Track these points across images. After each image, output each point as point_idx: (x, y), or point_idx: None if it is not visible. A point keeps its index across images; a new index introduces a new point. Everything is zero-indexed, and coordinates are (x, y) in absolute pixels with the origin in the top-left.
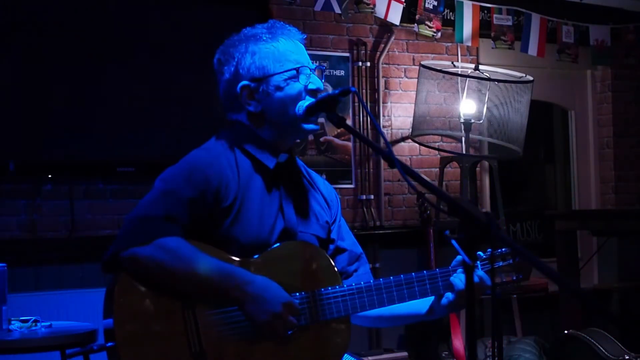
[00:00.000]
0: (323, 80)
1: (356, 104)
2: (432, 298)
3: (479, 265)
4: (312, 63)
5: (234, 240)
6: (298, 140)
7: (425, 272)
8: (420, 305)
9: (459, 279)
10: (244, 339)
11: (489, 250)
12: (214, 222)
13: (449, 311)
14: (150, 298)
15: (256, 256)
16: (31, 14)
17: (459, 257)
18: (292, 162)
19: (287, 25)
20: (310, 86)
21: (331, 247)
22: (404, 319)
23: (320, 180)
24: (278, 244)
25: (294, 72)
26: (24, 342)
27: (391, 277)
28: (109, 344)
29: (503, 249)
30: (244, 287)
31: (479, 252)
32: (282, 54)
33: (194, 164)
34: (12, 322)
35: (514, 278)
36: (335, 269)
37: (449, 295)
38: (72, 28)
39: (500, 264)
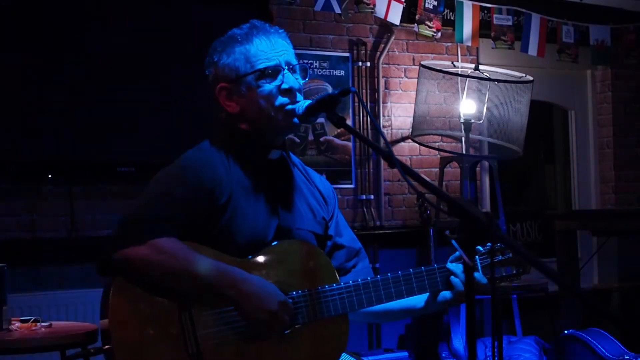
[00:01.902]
0: (307, 80)
1: (356, 104)
2: (427, 293)
3: (478, 260)
4: (295, 60)
5: (230, 239)
6: (298, 140)
7: (423, 268)
8: (416, 299)
9: (457, 279)
10: (241, 339)
11: (488, 244)
12: (209, 222)
13: (444, 307)
14: (146, 299)
15: (252, 256)
16: (31, 14)
17: (456, 253)
18: (285, 159)
19: (266, 25)
20: (283, 86)
21: (329, 243)
22: (400, 314)
23: (317, 177)
24: (275, 243)
25: (259, 72)
26: (24, 342)
27: (389, 274)
28: (106, 346)
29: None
30: (239, 286)
31: (478, 247)
32: (253, 55)
33: (187, 164)
34: (12, 322)
35: (514, 272)
36: (333, 266)
37: (446, 294)
38: (71, 28)
39: (500, 257)
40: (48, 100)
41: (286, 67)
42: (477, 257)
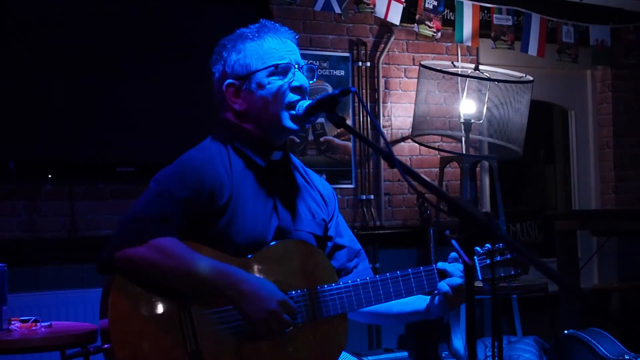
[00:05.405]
0: (314, 80)
1: (356, 104)
2: (429, 297)
3: (477, 261)
4: (303, 61)
5: (229, 239)
6: (298, 140)
7: (421, 268)
8: (418, 303)
9: (445, 283)
10: (241, 338)
11: (487, 245)
12: (209, 222)
13: (443, 312)
14: (146, 298)
15: (252, 255)
16: (32, 16)
17: (454, 253)
18: (287, 160)
19: (277, 25)
20: (294, 83)
21: (329, 244)
22: (403, 317)
23: (317, 178)
24: (274, 243)
25: (273, 68)
26: (24, 342)
27: (387, 274)
28: (106, 345)
29: (501, 244)
30: (238, 286)
31: (477, 248)
32: (265, 52)
33: (188, 165)
34: (12, 322)
35: (512, 272)
36: (332, 266)
37: (440, 298)
38: (71, 29)
39: (499, 258)
40: (48, 100)
41: (296, 66)
42: (475, 257)
